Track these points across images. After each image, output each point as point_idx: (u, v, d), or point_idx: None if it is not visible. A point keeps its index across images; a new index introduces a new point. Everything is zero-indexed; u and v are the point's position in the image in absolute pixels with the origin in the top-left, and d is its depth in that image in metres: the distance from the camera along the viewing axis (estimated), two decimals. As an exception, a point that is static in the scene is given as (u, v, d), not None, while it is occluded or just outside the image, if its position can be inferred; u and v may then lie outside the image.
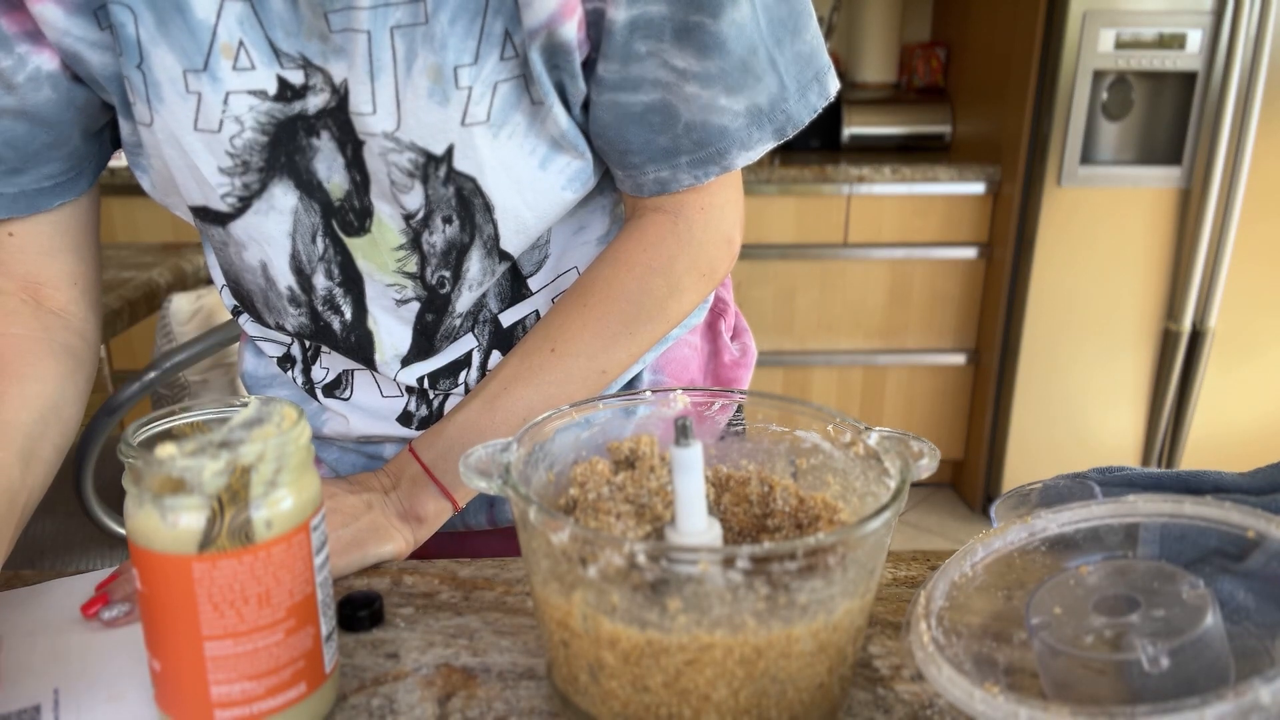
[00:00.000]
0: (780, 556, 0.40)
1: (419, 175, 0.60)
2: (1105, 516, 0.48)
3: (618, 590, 0.41)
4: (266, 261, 0.64)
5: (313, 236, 0.63)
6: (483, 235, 0.63)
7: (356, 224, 0.63)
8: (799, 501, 0.52)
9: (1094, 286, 2.39)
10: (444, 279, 0.65)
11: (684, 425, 0.45)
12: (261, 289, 0.66)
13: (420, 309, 0.67)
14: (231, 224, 0.63)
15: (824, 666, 0.43)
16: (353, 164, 0.60)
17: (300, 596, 0.44)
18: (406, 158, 0.59)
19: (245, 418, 0.44)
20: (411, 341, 0.68)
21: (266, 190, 0.61)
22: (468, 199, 0.61)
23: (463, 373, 0.71)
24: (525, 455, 0.50)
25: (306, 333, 0.68)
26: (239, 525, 0.41)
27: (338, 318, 0.66)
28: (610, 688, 0.43)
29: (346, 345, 0.68)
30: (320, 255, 0.64)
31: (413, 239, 0.63)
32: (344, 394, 0.73)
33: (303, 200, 0.62)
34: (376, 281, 0.65)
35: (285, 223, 0.62)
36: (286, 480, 0.43)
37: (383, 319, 0.67)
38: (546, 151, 0.62)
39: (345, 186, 0.61)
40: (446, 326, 0.68)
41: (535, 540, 0.44)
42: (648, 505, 0.49)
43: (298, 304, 0.66)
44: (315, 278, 0.65)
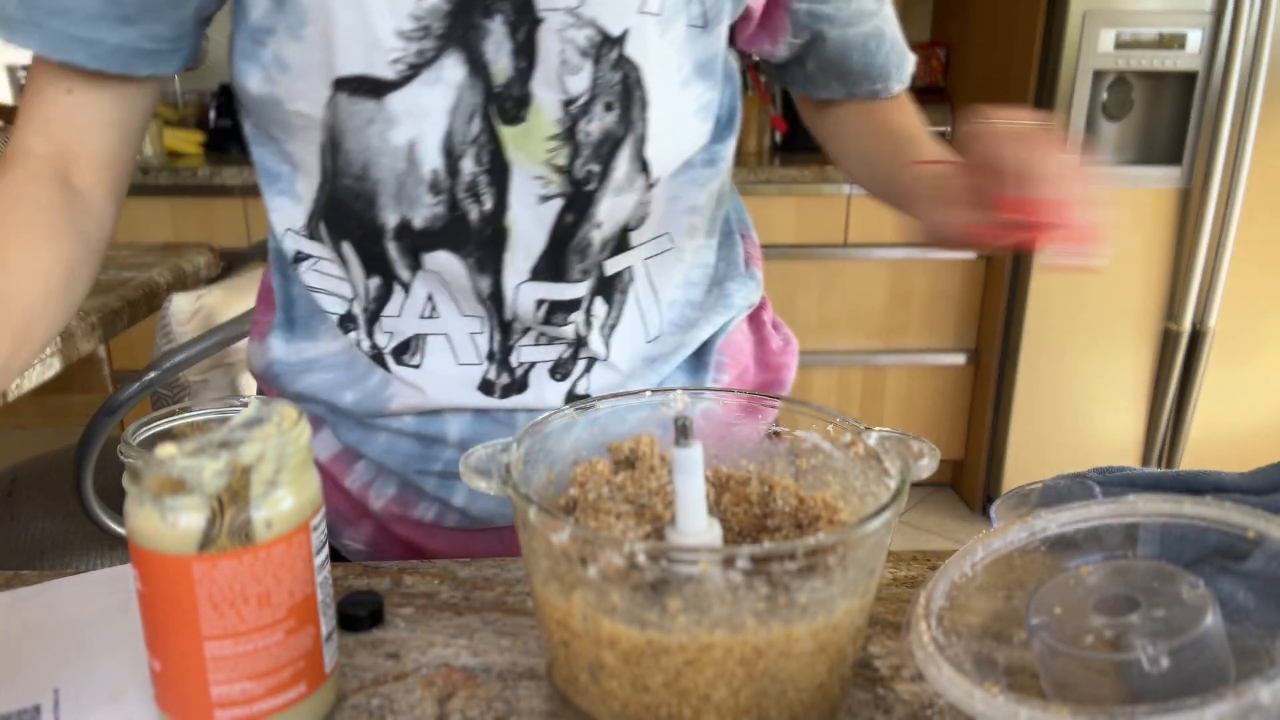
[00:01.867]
0: (780, 556, 0.40)
1: (591, 55, 0.61)
2: (1105, 516, 0.48)
3: (618, 590, 0.41)
4: (416, 140, 0.62)
5: (470, 116, 0.62)
6: (635, 132, 0.64)
7: (513, 111, 0.62)
8: (799, 501, 0.52)
9: (1094, 286, 2.39)
10: (592, 174, 0.64)
11: (684, 425, 0.45)
12: (399, 175, 0.63)
13: (561, 209, 0.65)
14: (390, 95, 0.60)
15: (824, 666, 0.43)
16: (521, 49, 0.60)
17: (300, 596, 0.44)
18: (584, 35, 0.60)
19: (245, 418, 0.44)
20: (545, 247, 0.66)
21: (439, 60, 0.60)
22: (630, 89, 0.63)
23: (574, 315, 0.69)
24: (524, 455, 0.50)
25: (437, 225, 0.65)
26: (239, 525, 0.41)
27: (477, 208, 0.64)
28: (610, 688, 0.43)
29: (480, 240, 0.65)
30: (473, 138, 0.62)
31: (568, 129, 0.63)
32: (414, 360, 0.70)
33: (469, 77, 0.61)
34: (524, 173, 0.63)
35: (448, 97, 0.61)
36: (286, 480, 0.43)
37: (522, 216, 0.65)
38: (690, 72, 0.65)
39: (509, 72, 0.61)
40: (582, 237, 0.66)
41: (535, 540, 0.44)
42: (648, 505, 0.49)
43: (437, 190, 0.64)
44: (464, 161, 0.63)
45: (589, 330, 0.70)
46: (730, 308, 0.77)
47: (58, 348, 1.25)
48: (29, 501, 1.47)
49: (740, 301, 0.78)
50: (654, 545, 0.40)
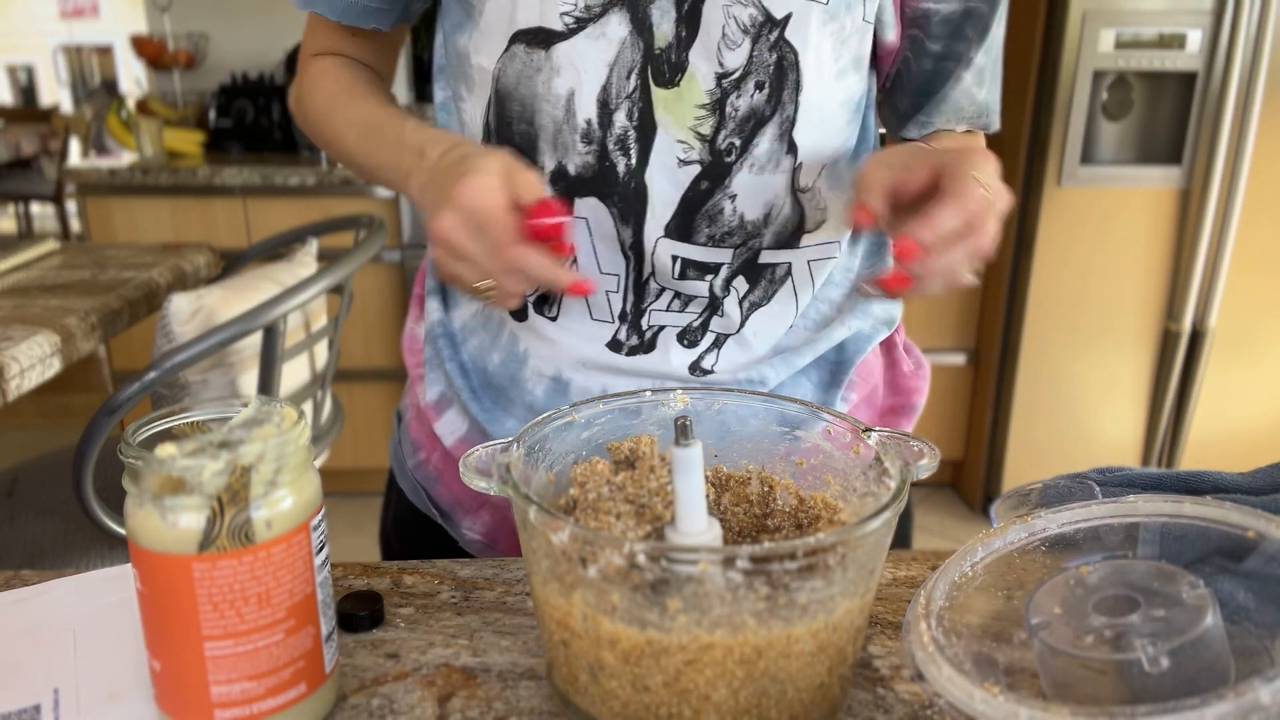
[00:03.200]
0: (780, 556, 0.40)
1: (752, 33, 0.64)
2: (1105, 516, 0.48)
3: (618, 590, 0.41)
4: (575, 90, 0.66)
5: (629, 72, 0.65)
6: (783, 113, 0.67)
7: (668, 76, 0.65)
8: (799, 501, 0.52)
9: (1094, 286, 2.39)
10: (733, 146, 0.67)
11: (684, 425, 0.45)
12: (556, 122, 0.67)
13: (698, 175, 0.68)
14: (557, 45, 0.65)
15: (824, 666, 0.43)
16: (685, 18, 0.64)
17: (300, 596, 0.44)
18: (748, 14, 0.63)
19: (245, 418, 0.44)
20: (677, 208, 0.69)
21: (605, 15, 0.64)
22: (785, 70, 0.65)
23: (709, 278, 0.71)
24: (525, 455, 0.50)
25: (588, 173, 0.68)
26: (239, 525, 0.41)
27: (624, 161, 0.67)
28: (610, 688, 0.43)
29: (624, 192, 0.68)
30: (628, 94, 0.66)
31: (718, 100, 0.66)
32: (552, 312, 0.73)
33: (632, 35, 0.64)
34: (669, 135, 0.66)
35: (610, 51, 0.65)
36: (287, 480, 0.43)
37: (659, 176, 0.68)
38: (846, 64, 0.68)
39: (669, 38, 0.64)
40: (714, 204, 0.68)
41: (535, 540, 0.44)
42: (648, 505, 0.49)
43: (590, 140, 0.67)
44: (617, 114, 0.66)
45: (726, 296, 0.72)
46: (867, 315, 0.78)
47: (57, 348, 1.25)
48: (29, 501, 1.47)
49: (879, 311, 0.79)
50: (654, 545, 0.40)
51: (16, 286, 1.46)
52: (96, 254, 1.67)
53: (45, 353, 1.22)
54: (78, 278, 1.51)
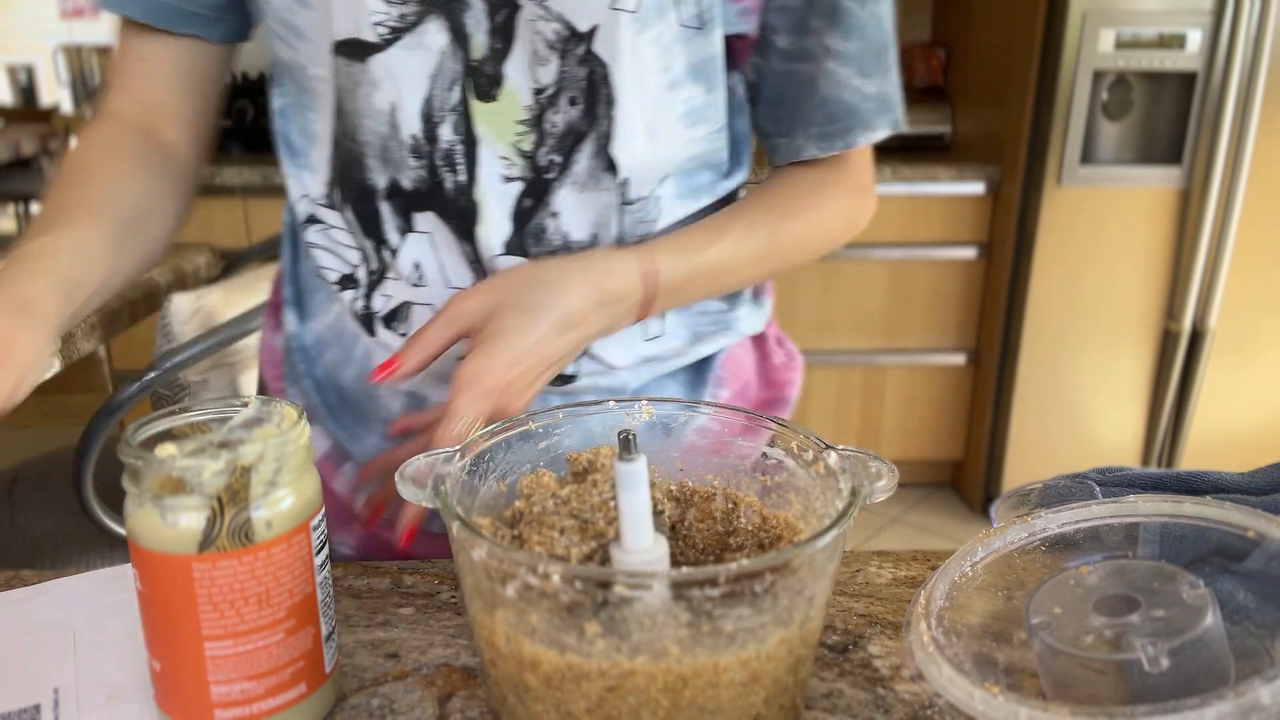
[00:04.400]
0: (699, 583, 0.38)
1: (559, 49, 0.61)
2: (1105, 516, 0.48)
3: (535, 611, 0.40)
4: (397, 104, 0.63)
5: (450, 84, 0.63)
6: (598, 129, 0.64)
7: (487, 89, 0.63)
8: (762, 520, 0.50)
9: (1094, 286, 2.39)
10: (553, 164, 0.65)
11: (626, 439, 0.43)
12: (382, 138, 0.65)
13: (521, 192, 0.66)
14: (373, 58, 0.62)
15: (759, 697, 0.42)
16: (499, 30, 0.61)
17: (300, 596, 0.44)
18: (552, 29, 0.61)
19: (245, 417, 0.44)
20: (511, 225, 0.67)
21: (420, 25, 0.61)
22: (595, 85, 0.63)
23: None
24: (470, 465, 0.48)
25: (423, 188, 0.66)
26: (239, 525, 0.41)
27: (453, 177, 0.65)
28: (535, 711, 0.42)
29: (456, 209, 0.66)
30: (452, 106, 0.63)
31: (536, 116, 0.64)
32: (402, 329, 0.71)
33: (451, 45, 0.62)
34: (492, 149, 0.65)
35: (430, 62, 0.62)
36: (287, 480, 0.43)
37: (489, 191, 0.65)
38: (680, 74, 0.64)
39: (484, 50, 0.62)
40: (537, 223, 0.67)
41: (461, 555, 0.43)
42: (590, 521, 0.47)
43: (419, 155, 0.65)
44: (442, 128, 0.64)
45: None
46: (737, 334, 0.77)
47: (57, 347, 1.25)
48: (29, 501, 1.47)
49: (746, 329, 0.78)
50: (566, 568, 0.39)
51: (16, 286, 1.46)
52: (96, 254, 1.66)
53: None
54: (78, 278, 1.51)
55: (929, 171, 2.42)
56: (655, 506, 0.50)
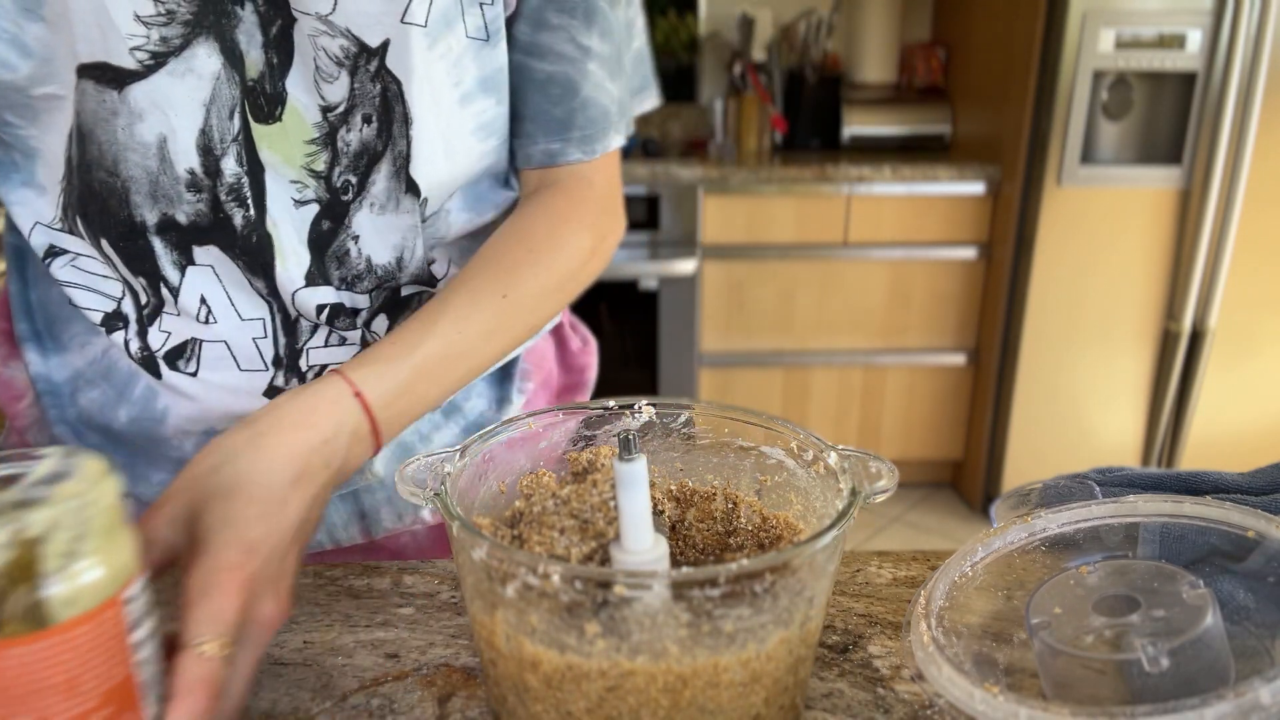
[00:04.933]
0: (700, 583, 0.38)
1: (348, 66, 0.57)
2: (1105, 516, 0.48)
3: (535, 611, 0.40)
4: (168, 136, 0.56)
5: (230, 112, 0.57)
6: (395, 149, 0.60)
7: (267, 110, 0.57)
8: (762, 520, 0.50)
9: (1094, 286, 2.39)
10: (349, 184, 0.61)
11: (627, 439, 0.43)
12: (151, 174, 0.58)
13: (317, 214, 0.61)
14: (133, 86, 0.55)
15: (759, 697, 0.42)
16: (274, 44, 0.56)
17: (117, 680, 0.38)
18: (338, 44, 0.56)
19: (41, 474, 0.38)
20: (309, 253, 0.62)
21: (189, 49, 0.55)
22: (390, 103, 0.59)
23: (359, 321, 0.66)
24: (469, 465, 0.48)
25: (203, 222, 0.60)
26: (29, 607, 0.35)
27: (241, 211, 0.59)
28: (535, 711, 0.42)
29: (246, 246, 0.61)
30: (234, 135, 0.57)
31: (328, 134, 0.59)
32: (190, 368, 0.64)
33: (226, 69, 0.56)
34: (280, 176, 0.60)
35: (203, 90, 0.56)
36: (91, 548, 0.36)
37: (281, 221, 0.61)
38: (471, 87, 0.62)
39: (260, 67, 0.56)
40: (339, 245, 0.62)
41: (461, 555, 0.43)
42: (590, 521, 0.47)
43: (198, 189, 0.58)
44: (225, 160, 0.58)
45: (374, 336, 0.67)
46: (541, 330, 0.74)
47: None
48: (29, 501, 1.47)
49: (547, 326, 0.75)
50: (566, 567, 0.39)
51: (16, 286, 1.46)
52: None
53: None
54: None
55: (929, 171, 2.42)
56: (655, 506, 0.50)
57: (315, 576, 0.60)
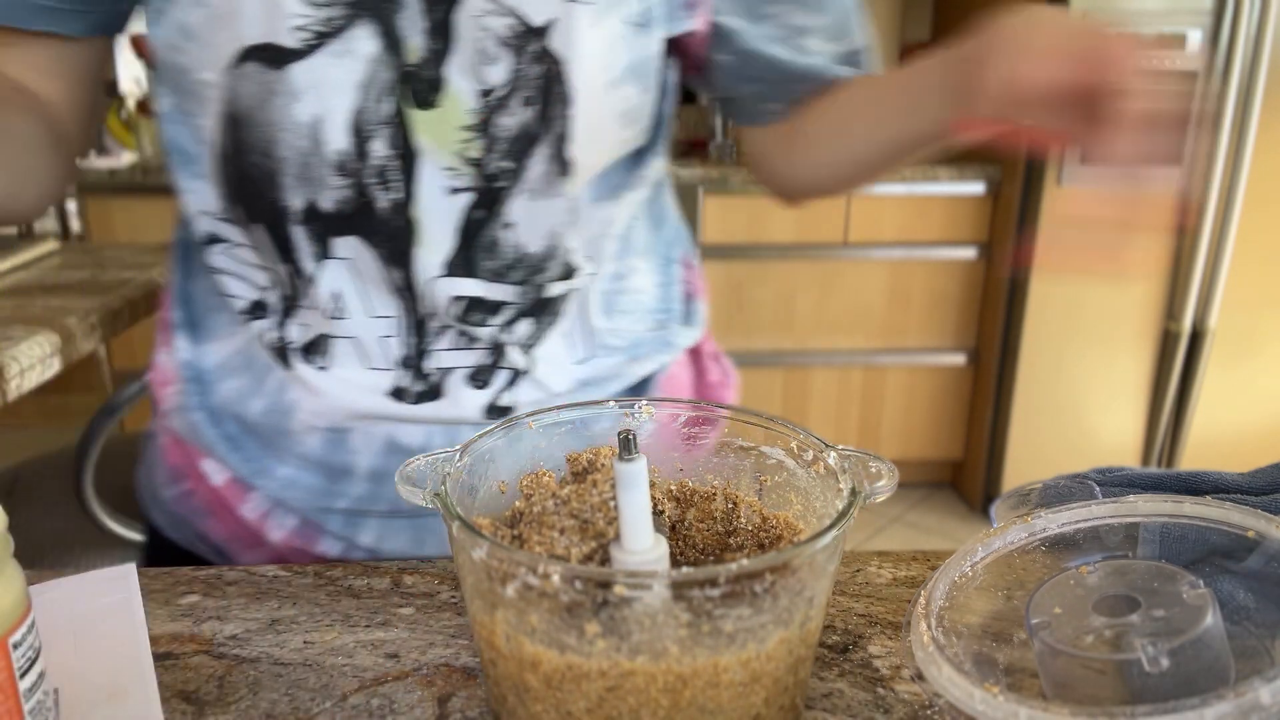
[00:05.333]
0: (700, 583, 0.38)
1: (512, 46, 0.57)
2: (1105, 516, 0.48)
3: (535, 611, 0.40)
4: (321, 117, 0.58)
5: (382, 95, 0.58)
6: (553, 130, 0.60)
7: (425, 95, 0.58)
8: (762, 520, 0.50)
9: (1094, 287, 2.39)
10: (504, 171, 0.61)
11: (626, 439, 0.43)
12: (302, 154, 0.59)
13: (471, 204, 0.61)
14: (293, 66, 0.56)
15: (759, 697, 0.42)
16: (437, 29, 0.57)
17: None
18: (504, 24, 0.57)
19: None
20: (456, 243, 0.62)
21: (349, 30, 0.56)
22: (550, 84, 0.59)
23: (493, 320, 0.65)
24: (470, 465, 0.48)
25: (346, 209, 0.61)
26: None
27: (386, 195, 0.60)
28: (535, 711, 0.42)
29: (389, 230, 0.61)
30: (385, 119, 0.58)
31: (483, 120, 0.59)
32: (320, 362, 0.66)
33: (383, 52, 0.57)
34: (433, 163, 0.60)
35: (359, 72, 0.57)
36: None
37: (430, 208, 0.61)
38: (619, 73, 0.61)
39: (422, 52, 0.57)
40: (489, 235, 0.63)
41: (461, 555, 0.43)
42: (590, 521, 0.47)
43: (344, 173, 0.59)
44: (373, 143, 0.59)
45: (507, 339, 0.67)
46: (675, 349, 0.75)
47: (57, 348, 1.25)
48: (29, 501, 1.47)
49: (683, 343, 0.76)
50: (566, 567, 0.39)
51: (16, 286, 1.47)
52: (96, 254, 1.67)
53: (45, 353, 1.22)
54: (78, 278, 1.51)
55: (929, 171, 2.42)
56: (655, 506, 0.50)
57: (315, 576, 0.60)
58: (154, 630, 0.55)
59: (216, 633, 0.54)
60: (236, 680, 0.50)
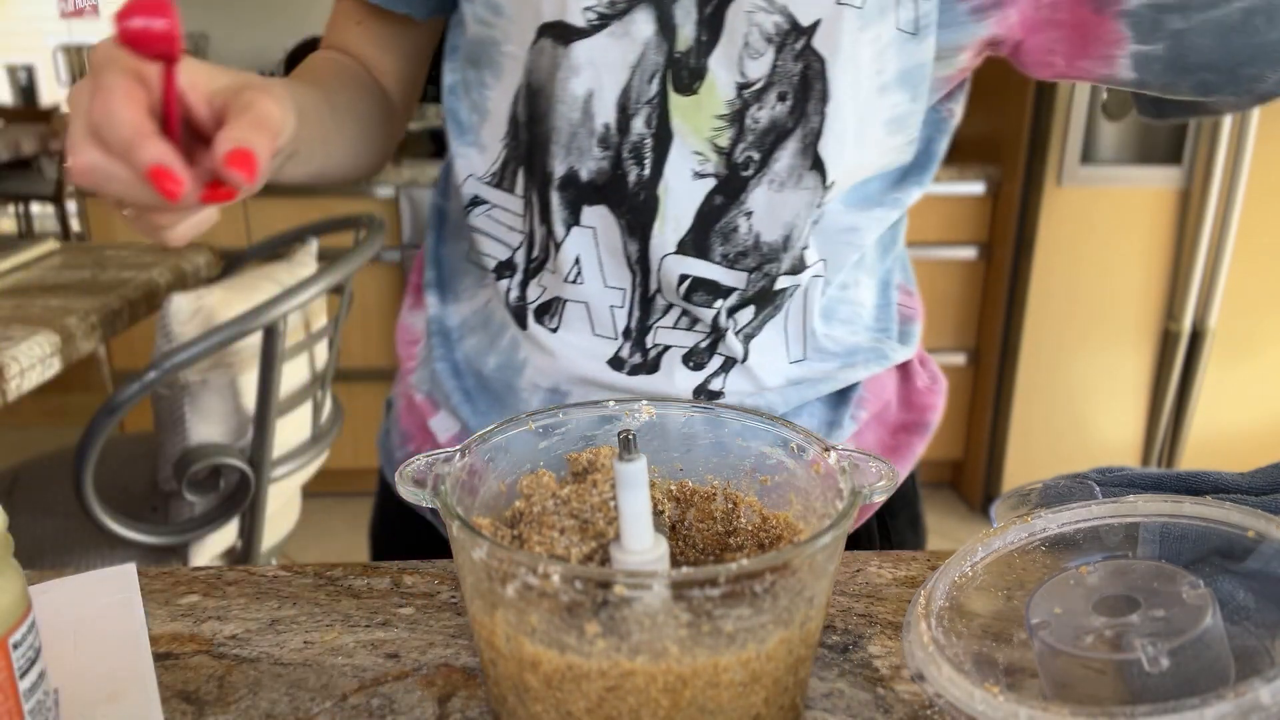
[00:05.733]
0: (700, 583, 0.38)
1: (776, 43, 0.60)
2: (1105, 516, 0.48)
3: (535, 611, 0.40)
4: (595, 92, 0.62)
5: (650, 76, 0.62)
6: (806, 126, 0.62)
7: (687, 82, 0.62)
8: (762, 520, 0.50)
9: (1094, 286, 2.39)
10: (751, 160, 0.63)
11: (627, 439, 0.43)
12: (572, 125, 0.64)
13: (713, 189, 0.64)
14: (577, 43, 0.61)
15: (759, 697, 0.41)
16: (708, 21, 0.60)
17: None
18: (772, 21, 0.59)
19: None
20: (692, 224, 0.65)
21: (629, 14, 0.61)
22: (810, 81, 0.61)
23: (718, 303, 0.67)
24: (470, 465, 0.48)
25: (600, 180, 0.65)
26: None
27: (637, 170, 0.64)
28: (535, 711, 0.42)
29: (634, 203, 0.65)
30: (649, 98, 0.62)
31: (738, 111, 0.62)
32: (553, 323, 0.70)
33: (657, 36, 0.61)
34: (685, 145, 0.63)
35: (633, 52, 0.61)
36: None
37: (674, 188, 0.64)
38: (890, 79, 0.63)
39: (690, 42, 0.61)
40: (728, 221, 0.65)
41: (461, 555, 0.43)
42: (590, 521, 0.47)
43: (606, 145, 0.64)
44: (635, 120, 0.63)
45: (729, 324, 0.69)
46: (888, 363, 0.76)
47: (57, 348, 1.25)
48: (29, 501, 1.47)
49: (898, 359, 0.77)
50: (566, 567, 0.39)
51: (16, 286, 1.47)
52: (96, 254, 1.67)
53: (45, 353, 1.22)
54: (78, 278, 1.51)
55: (929, 171, 2.42)
56: (655, 506, 0.50)
57: (315, 576, 0.60)
58: (154, 630, 0.55)
59: (216, 633, 0.54)
60: (236, 680, 0.50)
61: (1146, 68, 0.62)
